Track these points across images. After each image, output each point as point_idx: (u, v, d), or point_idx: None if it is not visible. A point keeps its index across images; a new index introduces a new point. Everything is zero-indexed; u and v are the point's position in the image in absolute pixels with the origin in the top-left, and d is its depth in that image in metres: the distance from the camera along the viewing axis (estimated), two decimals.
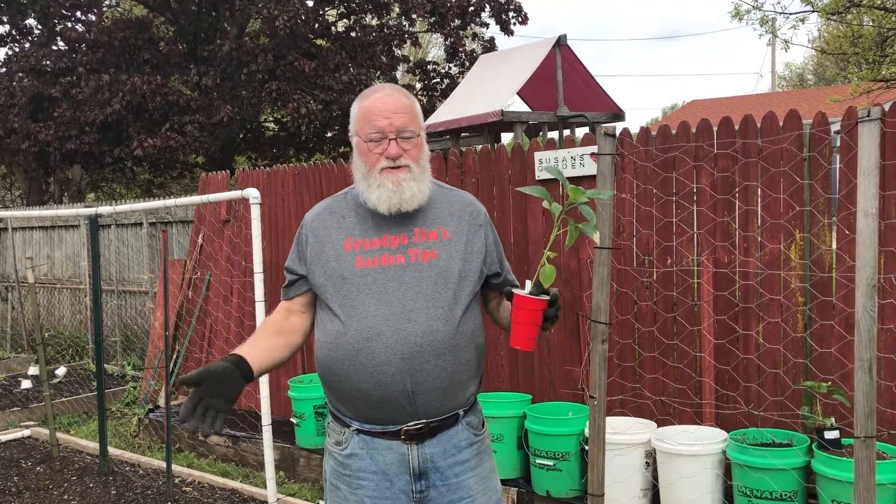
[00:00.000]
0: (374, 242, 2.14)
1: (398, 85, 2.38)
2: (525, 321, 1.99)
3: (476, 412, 2.26)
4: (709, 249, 4.20)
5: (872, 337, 2.52)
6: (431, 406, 2.10)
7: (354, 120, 2.18)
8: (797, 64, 44.04)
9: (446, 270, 2.12)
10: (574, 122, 8.73)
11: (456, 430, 2.16)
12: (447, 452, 2.14)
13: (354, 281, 2.11)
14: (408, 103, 2.15)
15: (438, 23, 14.45)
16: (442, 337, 2.07)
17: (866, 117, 2.54)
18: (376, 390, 2.07)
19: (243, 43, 12.70)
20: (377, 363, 2.06)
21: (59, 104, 12.95)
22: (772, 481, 3.53)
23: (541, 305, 1.98)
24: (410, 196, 2.11)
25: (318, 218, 2.25)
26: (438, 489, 2.14)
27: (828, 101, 14.10)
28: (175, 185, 18.74)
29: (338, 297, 2.13)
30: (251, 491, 4.90)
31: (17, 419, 6.88)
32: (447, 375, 2.09)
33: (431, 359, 2.07)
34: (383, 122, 2.10)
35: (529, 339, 2.01)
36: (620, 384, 4.47)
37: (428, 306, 2.08)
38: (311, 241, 2.22)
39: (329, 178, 5.90)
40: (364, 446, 2.14)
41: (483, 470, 2.22)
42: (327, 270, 2.16)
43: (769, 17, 13.30)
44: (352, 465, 2.15)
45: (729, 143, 4.10)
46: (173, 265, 7.01)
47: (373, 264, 2.12)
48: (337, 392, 2.17)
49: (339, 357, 2.10)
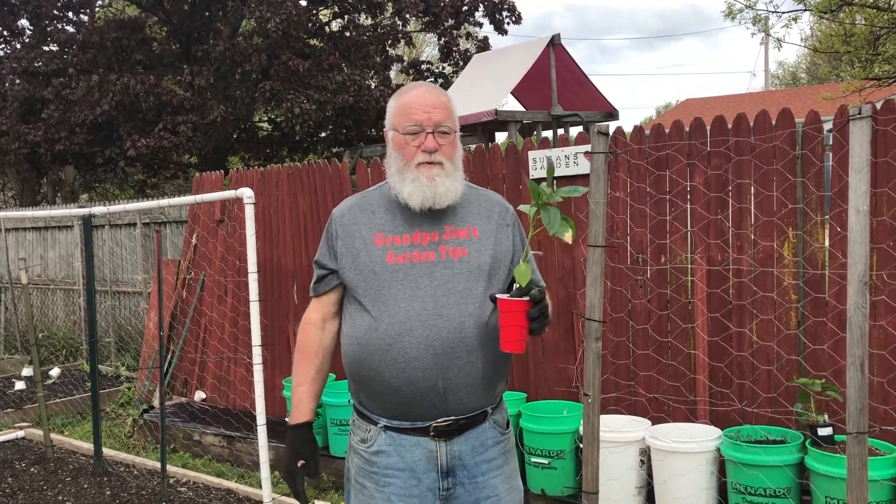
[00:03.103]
0: (405, 239, 2.14)
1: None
2: (510, 323, 1.99)
3: (502, 410, 2.26)
4: (702, 247, 4.21)
5: (864, 333, 2.53)
6: (462, 403, 2.10)
7: (391, 115, 2.20)
8: (790, 63, 44.16)
9: (477, 268, 2.13)
10: (568, 121, 8.75)
11: (484, 428, 2.17)
12: (475, 450, 2.14)
13: (385, 276, 2.11)
14: (445, 100, 2.18)
15: (432, 22, 14.45)
16: (474, 334, 2.07)
17: (857, 115, 2.55)
18: (407, 386, 2.07)
19: (237, 43, 12.68)
20: (409, 359, 2.05)
21: (49, 105, 12.91)
22: (766, 478, 3.55)
23: (522, 307, 1.97)
24: (444, 192, 2.12)
25: (349, 213, 2.24)
26: (465, 487, 2.14)
27: (820, 99, 14.15)
28: (169, 186, 18.69)
29: (369, 292, 2.12)
30: (246, 491, 4.89)
31: (11, 420, 6.86)
32: (478, 372, 2.09)
33: (464, 355, 2.07)
34: (422, 116, 2.12)
35: (517, 341, 2.00)
36: (615, 382, 4.48)
37: (459, 303, 2.08)
38: (342, 236, 2.21)
39: (323, 178, 5.89)
40: (391, 443, 2.13)
41: (508, 469, 2.22)
42: (358, 265, 2.15)
43: (762, 15, 13.34)
44: (379, 463, 2.14)
45: (722, 142, 4.11)
46: (167, 265, 6.99)
47: (404, 260, 2.12)
48: (366, 387, 2.15)
49: (370, 352, 2.10)
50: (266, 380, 4.56)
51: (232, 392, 6.44)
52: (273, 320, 6.10)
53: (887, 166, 3.67)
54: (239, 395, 6.37)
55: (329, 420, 5.18)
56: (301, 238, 6.01)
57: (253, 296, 4.21)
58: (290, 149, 15.51)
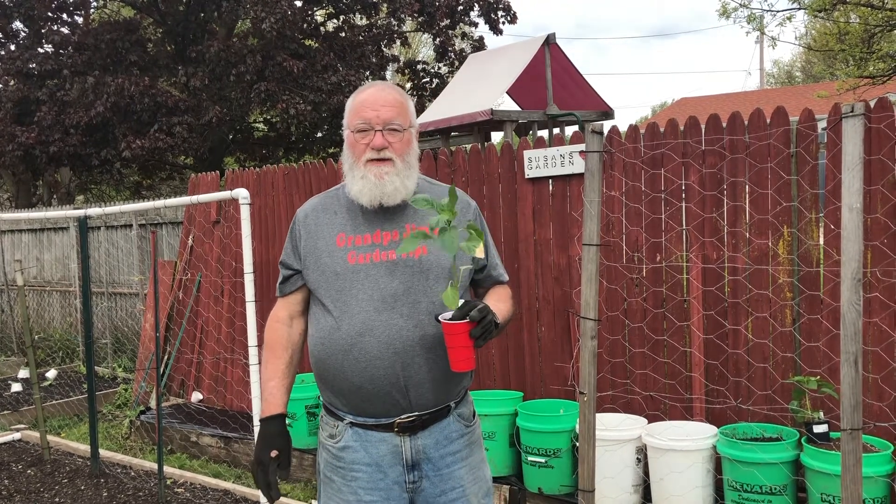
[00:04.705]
0: (366, 238, 2.16)
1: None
2: (455, 345, 2.00)
3: (467, 404, 2.29)
4: (697, 245, 4.22)
5: (858, 330, 2.55)
6: (423, 399, 2.13)
7: (346, 114, 2.22)
8: (785, 61, 44.23)
9: (437, 265, 2.14)
10: (563, 121, 8.75)
11: (448, 422, 2.20)
12: (439, 444, 2.17)
13: (347, 276, 2.14)
14: (398, 98, 2.19)
15: (427, 22, 14.44)
16: (433, 331, 2.09)
17: (850, 113, 2.57)
18: (369, 384, 2.10)
19: (232, 44, 12.66)
20: (370, 358, 2.09)
21: (42, 107, 12.89)
22: (761, 475, 3.56)
23: (463, 328, 1.98)
24: (392, 190, 2.13)
25: (312, 214, 2.27)
26: (431, 479, 2.17)
27: (814, 97, 14.17)
28: (164, 187, 18.68)
29: (330, 293, 2.15)
30: (243, 491, 4.89)
31: (8, 422, 6.85)
32: (439, 368, 2.12)
33: (423, 352, 2.10)
34: (371, 114, 2.14)
35: (465, 360, 2.01)
36: (611, 380, 4.49)
37: (420, 300, 2.11)
38: (304, 237, 2.24)
39: (319, 178, 5.90)
40: (358, 439, 2.16)
41: (473, 460, 2.25)
42: (320, 266, 2.18)
43: (756, 14, 13.37)
44: (346, 458, 2.18)
45: (717, 140, 4.13)
46: (163, 266, 6.99)
47: (364, 260, 2.14)
48: (331, 386, 2.19)
49: (333, 352, 2.13)
50: (262, 380, 4.56)
51: (229, 393, 6.44)
52: None
53: (880, 164, 3.68)
54: (236, 395, 6.37)
55: None
56: None
57: (249, 296, 4.21)
58: (286, 149, 15.51)
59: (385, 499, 2.14)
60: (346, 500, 2.17)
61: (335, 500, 2.20)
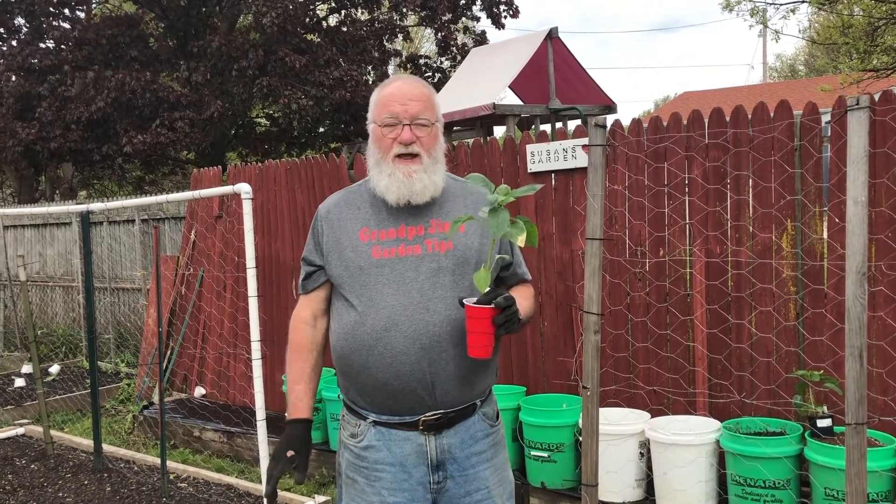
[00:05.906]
0: (391, 233, 2.14)
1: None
2: (476, 330, 1.98)
3: (491, 403, 2.26)
4: (700, 239, 4.21)
5: (863, 324, 2.53)
6: (449, 396, 2.10)
7: (372, 108, 2.19)
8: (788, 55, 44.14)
9: (463, 261, 2.12)
10: (566, 115, 8.74)
11: (473, 421, 2.16)
12: (464, 443, 2.14)
13: (371, 271, 2.11)
14: (425, 92, 2.16)
15: (429, 17, 14.40)
16: (461, 326, 2.05)
17: (855, 106, 2.55)
18: (395, 380, 2.07)
19: (233, 39, 12.65)
20: (396, 353, 2.05)
21: (43, 103, 12.89)
22: (765, 470, 3.55)
23: (487, 314, 1.95)
24: (421, 188, 2.10)
25: (334, 209, 2.24)
26: (456, 480, 2.14)
27: (818, 90, 14.13)
28: (167, 182, 18.68)
29: (354, 288, 2.12)
30: (246, 486, 4.89)
31: (11, 417, 6.86)
32: (467, 365, 2.08)
33: (450, 348, 2.06)
34: (398, 108, 2.11)
35: (483, 347, 1.99)
36: (614, 375, 4.48)
37: (446, 296, 2.08)
38: (327, 232, 2.21)
39: (321, 173, 5.89)
40: (381, 438, 2.13)
41: (498, 461, 2.22)
42: (344, 261, 2.15)
43: (759, 7, 13.33)
44: (369, 458, 2.14)
45: (720, 133, 4.11)
46: (166, 262, 6.99)
47: (389, 254, 2.11)
48: (354, 382, 2.16)
49: (357, 348, 2.10)
50: (265, 375, 4.56)
51: (231, 388, 6.45)
52: (272, 315, 6.09)
53: (885, 157, 3.66)
54: (238, 390, 6.37)
55: (329, 415, 5.19)
56: (300, 233, 6.01)
57: (252, 291, 4.21)
58: (288, 144, 15.49)
59: (410, 500, 2.11)
60: (369, 501, 2.14)
61: (357, 502, 2.17)
